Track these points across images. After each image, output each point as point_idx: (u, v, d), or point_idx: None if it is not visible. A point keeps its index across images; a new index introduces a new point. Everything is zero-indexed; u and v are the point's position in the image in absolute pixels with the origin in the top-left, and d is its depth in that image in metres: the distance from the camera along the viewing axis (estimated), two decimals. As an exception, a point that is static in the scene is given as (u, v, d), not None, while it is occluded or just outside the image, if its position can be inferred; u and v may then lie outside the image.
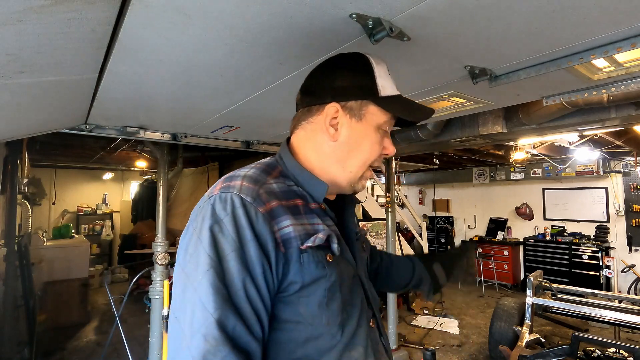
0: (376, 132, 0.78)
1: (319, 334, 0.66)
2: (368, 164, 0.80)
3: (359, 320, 0.73)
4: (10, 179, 3.39)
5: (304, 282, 0.65)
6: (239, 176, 0.70)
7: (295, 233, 0.66)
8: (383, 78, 0.78)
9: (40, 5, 0.63)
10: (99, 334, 4.56)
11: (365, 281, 0.81)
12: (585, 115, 2.34)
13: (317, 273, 0.66)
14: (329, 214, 0.76)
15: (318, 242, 0.68)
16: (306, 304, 0.65)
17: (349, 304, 0.72)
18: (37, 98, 1.30)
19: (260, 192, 0.67)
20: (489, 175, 7.13)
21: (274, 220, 0.66)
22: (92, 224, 8.09)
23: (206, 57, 1.07)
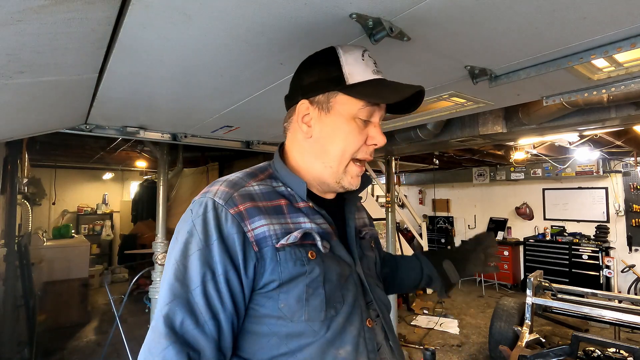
0: (350, 122, 0.75)
1: (301, 330, 0.67)
2: (347, 156, 0.76)
3: (349, 317, 0.72)
4: (10, 179, 3.38)
5: (282, 279, 0.67)
6: (220, 181, 0.75)
7: (270, 232, 0.69)
8: (352, 65, 0.75)
9: (40, 5, 0.63)
10: (99, 334, 4.56)
11: (367, 280, 0.80)
12: (585, 115, 2.34)
13: (296, 270, 0.68)
14: (320, 212, 0.77)
15: (292, 240, 0.69)
16: (285, 299, 0.67)
17: (338, 301, 0.71)
18: (37, 98, 1.30)
19: (234, 195, 0.71)
20: (489, 175, 7.13)
21: (247, 220, 0.68)
22: (92, 224, 8.09)
23: (206, 57, 1.07)
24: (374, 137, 0.77)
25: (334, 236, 0.77)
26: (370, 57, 0.78)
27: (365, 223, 0.96)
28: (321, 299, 0.69)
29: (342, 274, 0.74)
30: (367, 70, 0.76)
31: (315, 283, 0.69)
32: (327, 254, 0.73)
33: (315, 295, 0.69)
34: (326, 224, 0.77)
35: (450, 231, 7.82)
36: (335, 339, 0.69)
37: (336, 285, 0.72)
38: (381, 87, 0.75)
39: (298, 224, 0.73)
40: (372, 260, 0.89)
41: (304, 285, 0.68)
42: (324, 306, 0.69)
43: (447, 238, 7.78)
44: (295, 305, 0.67)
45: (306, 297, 0.68)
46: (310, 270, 0.69)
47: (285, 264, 0.68)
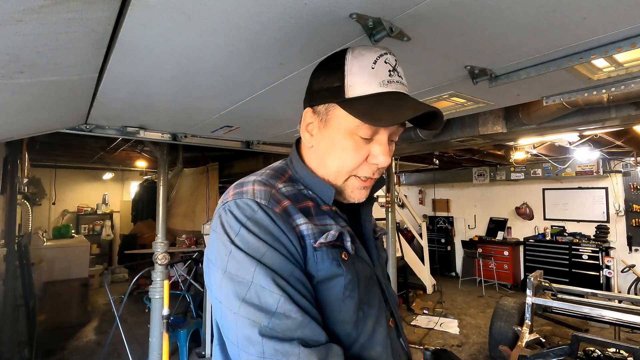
0: (347, 138, 0.69)
1: (333, 331, 0.66)
2: (344, 173, 0.72)
3: (377, 319, 0.72)
4: (10, 179, 3.38)
5: (318, 278, 0.66)
6: (249, 182, 0.71)
7: (308, 231, 0.67)
8: (355, 75, 0.68)
9: (40, 5, 0.63)
10: (99, 334, 4.56)
11: (382, 280, 0.81)
12: (585, 115, 2.34)
13: (332, 270, 0.67)
14: (341, 215, 0.76)
15: (330, 238, 0.67)
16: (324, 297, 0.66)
17: (366, 302, 0.71)
18: (37, 98, 1.30)
19: (273, 193, 0.69)
20: (489, 175, 7.13)
21: (291, 217, 0.67)
22: (92, 224, 8.09)
23: (206, 57, 1.07)
24: (376, 157, 0.70)
25: (356, 238, 0.76)
26: (387, 62, 0.69)
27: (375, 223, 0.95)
28: (355, 301, 0.68)
29: (366, 275, 0.74)
30: (372, 81, 0.67)
31: (352, 284, 0.68)
32: (355, 256, 0.72)
33: (351, 297, 0.67)
34: (347, 226, 0.76)
35: (450, 231, 7.82)
36: (366, 342, 0.69)
37: (364, 286, 0.71)
38: (378, 106, 0.66)
39: (325, 225, 0.71)
40: (384, 261, 0.90)
41: (342, 286, 0.66)
42: (356, 308, 0.68)
43: (447, 238, 7.78)
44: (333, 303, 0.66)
45: (343, 299, 0.66)
46: (347, 272, 0.68)
47: (322, 263, 0.66)
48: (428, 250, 6.65)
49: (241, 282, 0.60)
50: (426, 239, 6.77)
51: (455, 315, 5.15)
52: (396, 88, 0.68)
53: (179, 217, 5.28)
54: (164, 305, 2.65)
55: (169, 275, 2.87)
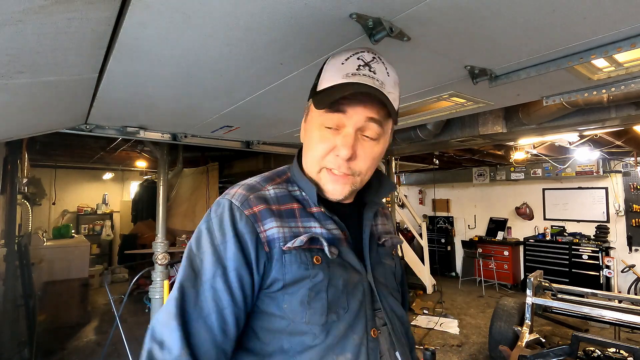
0: (316, 130, 0.74)
1: (302, 331, 0.69)
2: (316, 164, 0.75)
3: (352, 325, 0.71)
4: (10, 179, 3.38)
5: (286, 280, 0.69)
6: (240, 184, 0.78)
7: (279, 235, 0.71)
8: (327, 71, 0.73)
9: (40, 5, 0.63)
10: (99, 334, 4.56)
11: (378, 289, 0.78)
12: (585, 115, 2.34)
13: (300, 273, 0.70)
14: (332, 217, 0.76)
15: (297, 243, 0.70)
16: (289, 301, 0.69)
17: (341, 307, 0.71)
18: (37, 98, 1.30)
19: (250, 197, 0.74)
20: (489, 175, 7.13)
21: (260, 221, 0.71)
22: (92, 224, 8.09)
23: (206, 57, 1.07)
24: (338, 148, 0.71)
25: (344, 242, 0.76)
26: (360, 59, 0.72)
27: (389, 230, 0.92)
28: (322, 303, 0.69)
29: (349, 281, 0.74)
30: (338, 74, 0.71)
31: (318, 287, 0.70)
32: (334, 260, 0.73)
33: (317, 299, 0.69)
34: (337, 229, 0.76)
35: (450, 231, 7.82)
36: (335, 345, 0.69)
37: (341, 291, 0.72)
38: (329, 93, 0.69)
39: (309, 228, 0.74)
40: (390, 269, 0.86)
41: (307, 289, 0.69)
42: (325, 311, 0.69)
43: (447, 238, 7.78)
44: (298, 307, 0.69)
45: (308, 301, 0.69)
46: (314, 275, 0.70)
47: (289, 266, 0.70)
48: (428, 250, 6.65)
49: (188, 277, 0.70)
50: (426, 239, 6.77)
51: (455, 315, 5.15)
52: (360, 80, 0.69)
53: (179, 217, 5.28)
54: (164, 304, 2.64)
55: (169, 275, 2.87)
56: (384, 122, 0.73)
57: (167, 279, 2.81)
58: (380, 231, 0.88)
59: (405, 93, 1.56)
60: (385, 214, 0.96)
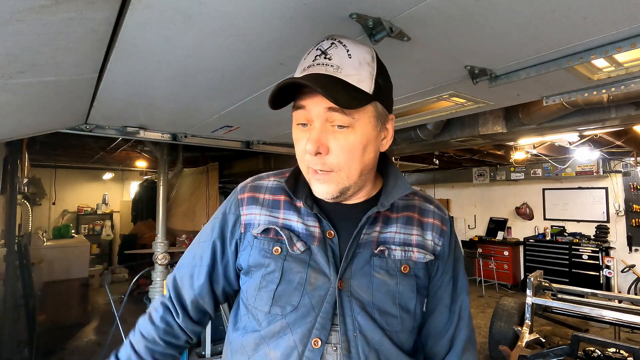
0: (295, 130, 0.72)
1: (252, 315, 0.75)
2: (302, 164, 0.73)
3: (292, 325, 0.69)
4: (10, 179, 3.38)
5: (249, 263, 0.76)
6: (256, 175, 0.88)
7: (255, 221, 0.78)
8: (300, 65, 0.70)
9: (40, 5, 0.63)
10: (99, 334, 4.56)
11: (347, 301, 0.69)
12: (585, 115, 2.34)
13: (257, 260, 0.75)
14: (318, 214, 0.74)
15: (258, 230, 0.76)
16: (249, 284, 0.76)
17: (289, 303, 0.70)
18: (37, 98, 1.30)
19: (248, 184, 0.84)
20: (489, 175, 7.12)
21: (244, 206, 0.80)
22: (92, 224, 8.09)
23: (206, 57, 1.07)
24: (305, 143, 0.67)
25: (318, 241, 0.72)
26: (319, 48, 0.67)
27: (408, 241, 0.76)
28: (269, 294, 0.72)
29: (309, 281, 0.70)
30: (297, 70, 0.70)
31: (269, 277, 0.73)
32: (297, 256, 0.72)
33: (266, 289, 0.73)
34: (317, 227, 0.74)
35: (450, 231, 7.81)
36: (270, 338, 0.71)
37: (294, 288, 0.70)
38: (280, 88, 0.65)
39: (287, 220, 0.77)
40: (382, 286, 0.72)
41: (260, 275, 0.74)
42: (270, 302, 0.72)
43: (447, 238, 7.77)
44: (252, 291, 0.75)
45: (259, 288, 0.74)
46: (267, 264, 0.74)
47: (254, 250, 0.76)
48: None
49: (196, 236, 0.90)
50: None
51: (455, 315, 5.15)
52: (313, 70, 0.65)
53: (179, 217, 5.28)
54: (164, 305, 2.64)
55: (169, 275, 2.86)
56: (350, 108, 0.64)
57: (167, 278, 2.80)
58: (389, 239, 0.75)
59: (405, 93, 1.56)
60: (424, 224, 0.79)
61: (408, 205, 0.81)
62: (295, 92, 0.68)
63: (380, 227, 0.76)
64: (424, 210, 0.81)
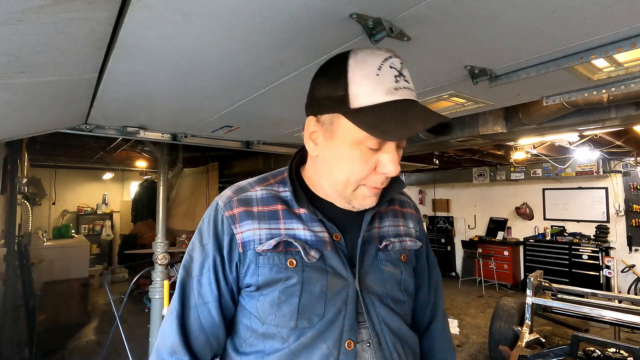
0: (354, 149, 0.66)
1: (272, 334, 0.70)
2: (354, 183, 0.69)
3: (323, 334, 0.69)
4: (10, 179, 3.38)
5: (259, 282, 0.71)
6: (233, 186, 0.80)
7: (254, 237, 0.72)
8: (359, 84, 0.63)
9: (40, 5, 0.63)
10: (99, 334, 4.56)
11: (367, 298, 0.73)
12: (585, 115, 2.34)
13: (271, 276, 0.70)
14: (321, 219, 0.73)
15: (267, 247, 0.70)
16: (262, 301, 0.71)
17: (316, 314, 0.69)
18: (37, 98, 1.30)
19: (233, 199, 0.76)
20: (489, 175, 7.12)
21: (237, 223, 0.73)
22: (92, 224, 8.09)
23: (206, 57, 1.07)
24: (384, 166, 0.67)
25: (330, 246, 0.72)
26: (392, 67, 0.65)
27: (403, 232, 0.84)
28: (292, 308, 0.68)
29: (329, 287, 0.70)
30: (378, 89, 0.63)
31: (290, 291, 0.69)
32: (313, 264, 0.70)
33: (288, 303, 0.69)
34: (325, 232, 0.73)
35: (450, 231, 7.82)
36: (300, 352, 0.68)
37: (317, 297, 0.69)
38: (386, 118, 0.61)
39: (291, 230, 0.73)
40: (392, 277, 0.77)
41: (278, 291, 0.69)
42: (294, 315, 0.68)
43: (447, 238, 7.78)
44: (268, 308, 0.70)
45: (278, 303, 0.69)
46: (286, 278, 0.69)
47: (262, 268, 0.71)
48: (428, 250, 6.64)
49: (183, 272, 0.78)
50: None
51: (455, 315, 5.15)
52: (403, 95, 0.65)
53: (179, 217, 5.28)
54: (164, 305, 2.64)
55: (169, 275, 2.87)
56: None
57: (167, 279, 2.81)
58: (387, 233, 0.81)
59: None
60: (405, 214, 0.88)
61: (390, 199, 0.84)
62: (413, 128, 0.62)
63: (378, 223, 0.81)
64: (402, 202, 0.90)
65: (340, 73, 0.66)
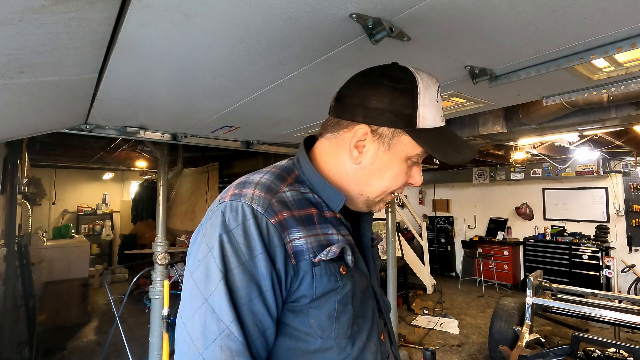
0: (403, 163, 0.72)
1: (328, 347, 0.65)
2: (388, 192, 0.75)
3: (369, 333, 0.71)
4: (10, 179, 3.38)
5: (315, 294, 0.64)
6: (252, 183, 0.68)
7: (307, 245, 0.65)
8: (427, 107, 0.69)
9: (40, 5, 0.63)
10: (99, 334, 4.56)
11: (378, 291, 0.80)
12: (585, 115, 2.34)
13: (329, 286, 0.65)
14: (344, 223, 0.74)
15: (331, 255, 0.65)
16: (316, 315, 0.64)
17: (361, 316, 0.70)
18: (37, 98, 1.30)
19: (272, 201, 0.65)
20: (489, 175, 7.12)
21: (286, 231, 0.64)
22: (92, 224, 8.09)
23: (206, 57, 1.07)
24: (414, 177, 0.76)
25: (355, 248, 0.74)
26: (440, 95, 0.74)
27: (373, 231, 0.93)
28: (349, 315, 0.67)
29: (363, 288, 0.73)
30: (437, 114, 0.72)
31: (346, 299, 0.67)
32: (352, 269, 0.71)
33: (345, 312, 0.67)
34: (349, 235, 0.74)
35: (450, 231, 7.81)
36: (358, 356, 0.68)
37: (360, 299, 0.71)
38: (445, 142, 0.72)
39: (326, 235, 0.69)
40: (379, 268, 0.90)
41: (335, 301, 0.65)
42: (350, 322, 0.67)
43: (447, 238, 7.78)
44: (326, 321, 0.65)
45: (337, 314, 0.65)
46: (343, 286, 0.67)
47: (320, 279, 0.65)
48: (428, 250, 6.65)
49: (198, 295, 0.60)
50: (426, 239, 6.76)
51: (455, 315, 5.16)
52: (443, 122, 0.74)
53: (179, 217, 5.28)
54: (164, 305, 2.64)
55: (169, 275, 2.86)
56: None
57: (167, 279, 2.81)
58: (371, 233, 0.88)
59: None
60: None
61: None
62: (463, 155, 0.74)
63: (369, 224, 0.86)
64: None
65: (410, 91, 0.69)
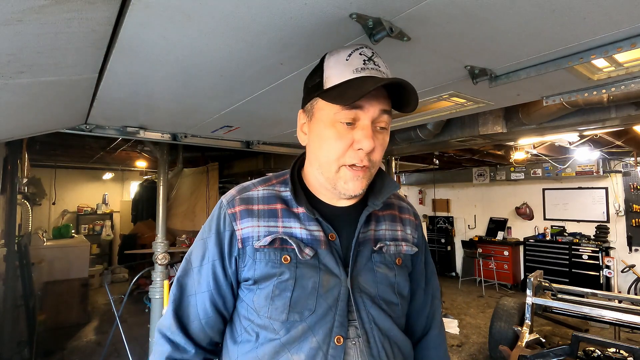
0: (329, 128, 0.72)
1: (265, 325, 0.74)
2: (333, 162, 0.73)
3: (312, 328, 0.72)
4: (10, 179, 3.38)
5: (255, 276, 0.75)
6: (238, 186, 0.85)
7: (253, 233, 0.76)
8: (331, 68, 0.73)
9: (40, 5, 0.63)
10: (99, 334, 4.56)
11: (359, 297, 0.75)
12: (585, 115, 2.34)
13: (266, 270, 0.74)
14: (317, 218, 0.77)
15: (263, 242, 0.75)
16: (258, 294, 0.75)
17: (307, 309, 0.72)
18: (37, 98, 1.30)
19: (236, 197, 0.81)
20: (489, 175, 7.12)
21: (238, 220, 0.78)
22: (92, 224, 8.08)
23: (206, 57, 1.07)
24: (359, 142, 0.71)
25: (324, 245, 0.75)
26: (362, 54, 0.73)
27: (395, 237, 0.85)
28: (285, 301, 0.72)
29: (322, 284, 0.73)
30: (346, 70, 0.71)
31: (283, 285, 0.73)
32: (307, 262, 0.74)
33: (281, 297, 0.73)
34: (320, 231, 0.76)
35: (450, 231, 7.81)
36: (291, 344, 0.71)
37: (309, 292, 0.73)
38: (347, 88, 0.69)
39: (288, 228, 0.77)
40: (385, 279, 0.79)
41: (273, 285, 0.73)
42: (286, 309, 0.72)
43: (447, 238, 7.78)
44: (262, 301, 0.74)
45: (272, 297, 0.73)
46: (281, 273, 0.73)
47: (259, 263, 0.75)
48: (428, 250, 6.63)
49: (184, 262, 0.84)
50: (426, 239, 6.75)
51: (455, 315, 5.15)
52: (370, 73, 0.72)
53: (179, 217, 5.28)
54: (164, 305, 2.64)
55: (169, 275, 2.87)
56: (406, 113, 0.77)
57: (167, 279, 2.81)
58: (382, 236, 0.83)
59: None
60: (404, 220, 0.90)
61: (388, 204, 0.90)
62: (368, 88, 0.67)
63: (374, 225, 0.84)
64: (401, 208, 0.93)
65: (319, 65, 0.77)
